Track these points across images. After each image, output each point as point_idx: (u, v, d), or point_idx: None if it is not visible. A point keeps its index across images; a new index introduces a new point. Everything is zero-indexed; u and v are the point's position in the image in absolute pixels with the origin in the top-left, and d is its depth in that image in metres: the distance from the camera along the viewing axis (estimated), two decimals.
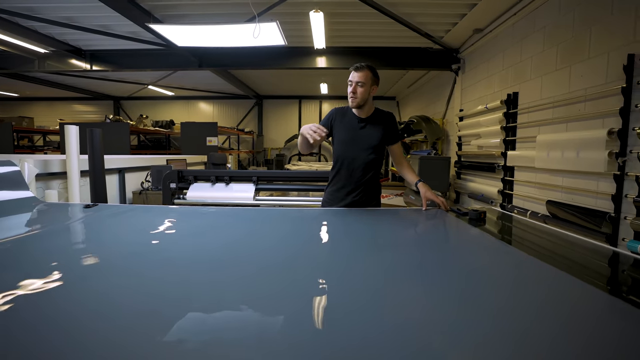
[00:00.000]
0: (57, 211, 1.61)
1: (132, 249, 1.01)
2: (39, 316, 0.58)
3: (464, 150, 5.17)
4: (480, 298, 0.69)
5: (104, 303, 0.64)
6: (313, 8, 3.85)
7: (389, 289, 0.74)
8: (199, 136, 7.09)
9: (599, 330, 0.57)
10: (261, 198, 3.07)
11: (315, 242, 1.22)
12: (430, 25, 4.59)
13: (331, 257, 1.01)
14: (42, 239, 1.13)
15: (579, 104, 2.91)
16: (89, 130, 2.79)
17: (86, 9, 4.14)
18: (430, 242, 1.25)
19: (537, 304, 0.67)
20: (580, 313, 0.64)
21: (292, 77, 8.23)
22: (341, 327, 0.55)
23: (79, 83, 8.96)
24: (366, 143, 1.77)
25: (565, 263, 1.02)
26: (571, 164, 2.86)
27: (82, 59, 5.78)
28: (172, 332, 0.53)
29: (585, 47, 2.85)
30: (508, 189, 3.93)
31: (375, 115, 1.82)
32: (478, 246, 1.16)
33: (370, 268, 0.87)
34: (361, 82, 1.70)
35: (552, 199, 3.13)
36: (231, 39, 3.18)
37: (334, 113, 1.86)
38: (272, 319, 0.61)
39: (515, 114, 3.83)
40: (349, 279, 0.80)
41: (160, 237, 1.20)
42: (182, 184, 3.09)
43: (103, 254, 0.97)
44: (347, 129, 1.80)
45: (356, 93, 1.71)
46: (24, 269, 0.82)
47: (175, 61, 5.69)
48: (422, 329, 0.57)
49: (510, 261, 0.98)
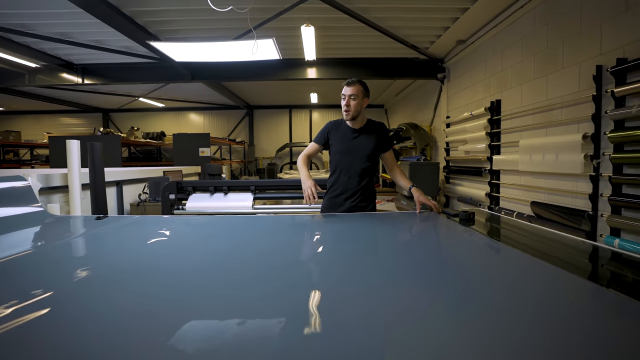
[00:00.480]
0: (70, 224, 1.68)
1: (150, 256, 1.11)
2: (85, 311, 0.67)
3: (451, 155, 5.37)
4: (474, 292, 0.79)
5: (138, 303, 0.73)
6: (304, 23, 4.02)
7: (390, 289, 0.78)
8: (191, 147, 7.14)
9: (578, 312, 0.69)
10: (259, 207, 3.17)
11: (317, 246, 1.32)
12: (416, 37, 4.81)
13: (333, 260, 1.11)
14: (63, 250, 1.21)
15: (556, 111, 3.12)
16: (90, 144, 2.84)
17: (81, 25, 4.20)
18: (425, 241, 1.37)
19: (525, 293, 0.77)
20: (562, 299, 0.76)
21: (283, 87, 8.38)
22: (342, 330, 0.56)
23: (68, 96, 8.91)
24: (360, 152, 1.91)
25: (547, 255, 1.15)
26: (551, 167, 3.05)
27: (73, 73, 5.80)
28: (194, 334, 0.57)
29: (559, 58, 3.07)
30: (495, 192, 4.12)
31: (367, 125, 1.96)
32: (469, 244, 1.29)
33: (371, 269, 0.96)
34: (354, 95, 1.84)
35: (536, 200, 3.32)
36: (228, 54, 3.30)
37: (330, 126, 2.00)
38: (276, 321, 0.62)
39: (499, 120, 4.04)
40: (350, 280, 0.84)
41: (171, 245, 1.29)
42: (181, 195, 3.16)
43: (123, 263, 1.05)
44: (342, 140, 1.94)
45: (350, 106, 1.85)
46: (55, 278, 0.91)
47: (168, 74, 5.76)
48: (424, 326, 0.59)
49: (496, 255, 1.11)
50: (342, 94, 1.87)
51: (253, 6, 2.93)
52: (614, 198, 2.43)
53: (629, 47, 2.38)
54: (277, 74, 5.81)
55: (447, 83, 5.59)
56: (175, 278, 0.88)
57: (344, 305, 0.67)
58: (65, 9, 3.69)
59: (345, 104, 1.86)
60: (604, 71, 2.53)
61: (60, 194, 2.78)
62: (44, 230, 1.53)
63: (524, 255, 1.05)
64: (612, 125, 2.46)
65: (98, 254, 1.21)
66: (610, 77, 2.46)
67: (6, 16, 4.00)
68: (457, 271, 0.94)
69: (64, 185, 2.73)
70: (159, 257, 1.10)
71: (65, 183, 2.73)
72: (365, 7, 3.93)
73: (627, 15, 2.39)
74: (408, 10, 4.03)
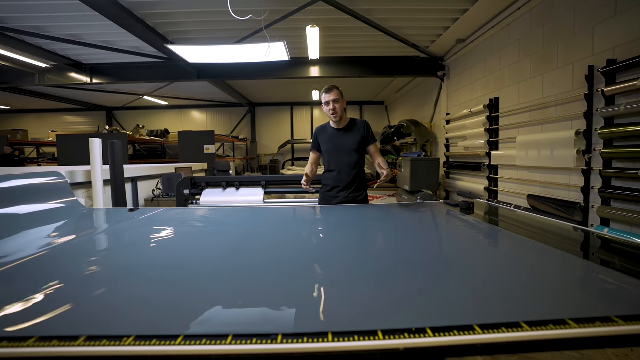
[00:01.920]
0: (106, 215, 1.84)
1: (193, 242, 1.28)
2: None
3: (451, 151, 5.54)
4: (478, 269, 0.98)
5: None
6: (310, 23, 4.16)
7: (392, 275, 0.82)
8: (196, 144, 7.29)
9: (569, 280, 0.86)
10: (270, 200, 3.34)
11: (323, 237, 1.49)
12: (417, 37, 4.96)
13: (337, 250, 1.28)
14: (111, 237, 1.38)
15: (551, 108, 3.28)
16: (110, 143, 3.00)
17: (93, 27, 4.34)
18: (432, 228, 1.54)
19: (521, 267, 0.96)
20: (551, 268, 0.93)
21: (285, 85, 8.52)
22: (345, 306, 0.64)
23: (72, 94, 9.03)
24: (347, 148, 2.14)
25: (540, 236, 1.33)
26: (547, 161, 3.22)
27: (82, 73, 5.93)
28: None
29: (554, 58, 3.23)
30: (493, 186, 4.29)
31: (350, 124, 2.20)
32: (469, 229, 1.46)
33: (371, 257, 1.14)
34: (335, 99, 2.08)
35: (532, 193, 3.50)
36: (240, 56, 3.46)
37: (317, 132, 2.26)
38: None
39: (497, 117, 4.21)
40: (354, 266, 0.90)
41: (199, 232, 1.46)
42: (195, 190, 3.33)
43: (163, 250, 1.23)
44: (329, 140, 2.19)
45: (335, 109, 2.08)
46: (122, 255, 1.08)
47: (175, 73, 5.90)
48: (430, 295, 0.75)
49: (495, 236, 1.28)
50: (325, 100, 2.09)
51: (268, 9, 3.07)
52: (604, 190, 2.60)
53: (618, 49, 2.54)
54: (282, 73, 5.95)
55: (447, 81, 5.74)
56: (212, 256, 1.06)
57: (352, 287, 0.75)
58: (80, 12, 3.83)
59: (330, 108, 2.08)
60: (595, 71, 2.70)
61: (83, 189, 2.94)
62: (84, 221, 1.69)
63: (520, 237, 1.23)
64: (602, 122, 2.63)
65: (140, 240, 1.38)
66: (601, 77, 2.62)
67: (21, 19, 4.13)
68: (461, 253, 1.11)
69: (87, 182, 2.89)
70: (192, 242, 1.27)
71: (87, 179, 2.89)
72: (368, 8, 4.07)
73: (616, 19, 2.55)
74: (410, 12, 4.18)
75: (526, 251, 1.04)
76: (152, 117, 11.33)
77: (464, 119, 5.01)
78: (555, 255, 0.97)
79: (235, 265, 0.95)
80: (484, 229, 1.43)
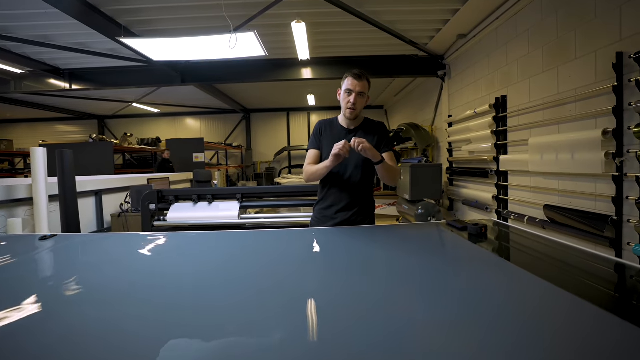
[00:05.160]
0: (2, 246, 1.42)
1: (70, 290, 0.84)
2: None
3: (455, 156, 5.09)
4: (493, 338, 0.55)
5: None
6: (294, 19, 3.77)
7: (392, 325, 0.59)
8: (185, 153, 6.93)
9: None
10: (247, 216, 2.91)
11: (308, 267, 1.06)
12: (414, 32, 4.56)
13: (327, 286, 0.85)
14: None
15: (569, 105, 2.84)
16: (59, 151, 2.61)
17: (61, 27, 4.00)
18: (428, 266, 1.09)
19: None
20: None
21: (279, 89, 8.16)
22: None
23: (60, 103, 8.75)
24: (356, 156, 1.56)
25: (585, 288, 0.88)
26: (566, 167, 2.77)
27: (60, 79, 5.61)
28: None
29: (571, 48, 2.80)
30: (503, 195, 3.83)
31: (364, 125, 1.66)
32: (482, 269, 1.01)
33: (370, 297, 0.72)
34: (362, 92, 1.55)
35: (549, 203, 3.03)
36: (210, 52, 3.06)
37: (321, 126, 1.69)
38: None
39: (505, 118, 3.77)
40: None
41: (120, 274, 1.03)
42: (163, 205, 2.92)
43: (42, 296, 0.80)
44: (335, 141, 1.55)
45: (356, 104, 1.56)
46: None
47: (157, 77, 5.55)
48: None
49: (515, 280, 0.84)
50: (348, 88, 1.55)
51: (235, 2, 2.70)
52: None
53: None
54: (270, 75, 5.58)
55: (448, 80, 5.32)
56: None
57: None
58: (40, 9, 3.47)
59: (351, 101, 1.55)
60: (625, 58, 2.26)
61: (26, 207, 2.54)
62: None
63: (551, 286, 0.78)
64: (637, 119, 2.18)
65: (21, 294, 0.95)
66: (633, 64, 2.18)
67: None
68: (464, 312, 0.67)
69: (29, 198, 2.49)
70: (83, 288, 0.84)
71: (30, 195, 2.49)
72: (358, 0, 3.68)
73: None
74: (404, 2, 3.78)
75: (562, 312, 0.59)
76: (145, 125, 11.02)
77: (467, 121, 4.58)
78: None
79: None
80: (497, 268, 0.99)
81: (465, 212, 4.79)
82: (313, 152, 1.66)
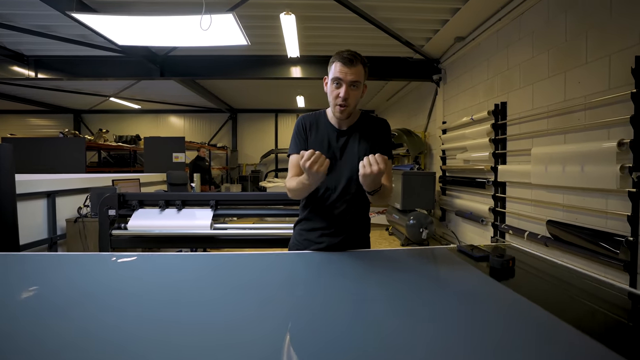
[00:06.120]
0: None
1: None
2: None
3: (448, 164, 4.86)
4: None
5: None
6: (283, 10, 3.47)
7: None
8: (165, 152, 6.48)
9: None
10: (221, 226, 2.56)
11: (278, 307, 0.74)
12: (411, 33, 4.32)
13: (308, 337, 0.54)
14: None
15: (578, 113, 2.62)
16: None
17: (17, 5, 3.56)
18: (434, 314, 0.79)
19: None
20: None
21: (267, 89, 7.83)
22: None
23: (30, 94, 8.15)
24: (348, 165, 1.22)
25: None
26: (574, 180, 2.54)
27: (24, 66, 5.12)
28: None
29: (581, 51, 2.58)
30: (500, 207, 3.60)
31: (361, 123, 1.28)
32: (519, 325, 0.71)
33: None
34: (356, 82, 1.16)
35: (552, 219, 2.80)
36: (184, 38, 2.70)
37: (304, 122, 1.29)
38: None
39: (504, 125, 3.54)
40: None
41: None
42: (125, 210, 2.54)
43: None
44: (322, 146, 1.24)
45: (348, 99, 1.16)
46: None
47: (134, 70, 5.13)
48: None
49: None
50: (336, 77, 1.16)
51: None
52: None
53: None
54: (256, 73, 5.24)
55: (444, 85, 5.11)
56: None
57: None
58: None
59: (341, 93, 1.15)
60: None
61: None
62: None
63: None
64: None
65: None
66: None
67: None
68: None
69: None
70: None
71: None
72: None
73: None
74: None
75: None
76: (125, 121, 10.47)
77: (463, 128, 4.35)
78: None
79: None
80: (546, 329, 0.69)
81: (459, 223, 4.55)
82: (296, 158, 1.26)
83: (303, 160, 1.00)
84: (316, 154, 1.00)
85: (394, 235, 5.30)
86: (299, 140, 1.28)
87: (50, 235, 2.93)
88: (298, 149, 1.26)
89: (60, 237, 3.01)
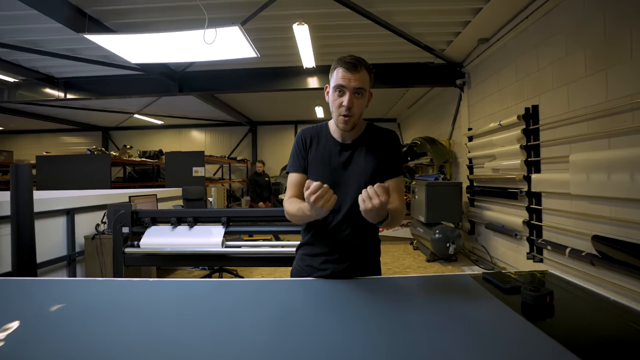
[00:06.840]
0: None
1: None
2: None
3: (476, 173, 4.57)
4: None
5: None
6: (296, 21, 3.40)
7: None
8: (185, 167, 6.57)
9: None
10: (232, 244, 2.45)
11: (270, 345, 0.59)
12: (430, 37, 4.14)
13: None
14: None
15: (624, 114, 2.33)
16: (13, 166, 2.23)
17: (45, 31, 3.72)
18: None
19: None
20: None
21: (286, 101, 7.82)
22: None
23: (61, 114, 8.59)
24: (354, 182, 1.10)
25: None
26: (623, 190, 2.24)
27: (55, 88, 5.37)
28: None
29: (625, 46, 2.31)
30: (535, 220, 3.28)
31: (367, 136, 1.15)
32: None
33: None
34: (360, 89, 1.04)
35: (598, 234, 2.49)
36: (193, 54, 2.68)
37: (305, 138, 1.17)
38: None
39: (536, 130, 3.26)
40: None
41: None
42: (138, 228, 2.50)
43: None
44: (324, 161, 1.13)
45: (352, 108, 1.04)
46: None
47: (154, 87, 5.26)
48: None
49: None
50: (339, 84, 1.04)
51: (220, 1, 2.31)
52: None
53: None
54: (272, 85, 5.22)
55: (468, 90, 4.85)
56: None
57: None
58: (18, 10, 3.19)
59: (344, 102, 1.04)
60: None
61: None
62: None
63: None
64: None
65: None
66: None
67: None
68: None
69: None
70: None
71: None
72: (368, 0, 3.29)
73: None
74: (419, 2, 3.37)
75: None
76: (148, 137, 10.81)
77: (490, 134, 4.08)
78: None
79: None
80: None
81: (490, 237, 4.22)
82: (295, 177, 1.15)
83: (308, 193, 0.87)
84: (323, 188, 0.87)
85: (418, 250, 5.01)
86: (298, 157, 1.16)
87: (69, 253, 2.93)
88: (297, 166, 1.15)
89: (78, 254, 3.02)
